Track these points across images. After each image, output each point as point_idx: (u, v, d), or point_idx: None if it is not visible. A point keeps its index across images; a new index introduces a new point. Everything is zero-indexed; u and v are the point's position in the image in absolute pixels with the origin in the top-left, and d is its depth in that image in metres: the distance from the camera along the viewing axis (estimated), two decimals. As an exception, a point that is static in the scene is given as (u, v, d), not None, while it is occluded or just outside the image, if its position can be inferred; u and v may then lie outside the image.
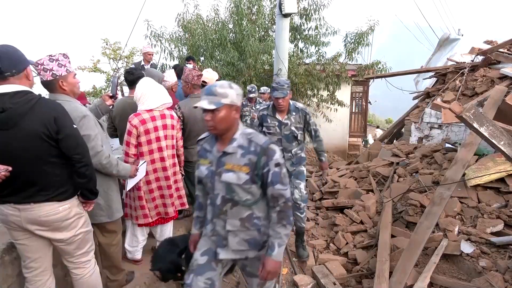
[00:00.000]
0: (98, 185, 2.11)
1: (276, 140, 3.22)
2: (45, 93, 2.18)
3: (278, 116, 3.22)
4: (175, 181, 3.03)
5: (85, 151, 1.97)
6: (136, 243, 3.08)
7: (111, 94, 2.57)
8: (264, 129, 3.27)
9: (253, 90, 6.16)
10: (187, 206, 3.24)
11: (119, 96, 2.73)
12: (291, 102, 3.21)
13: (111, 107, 2.60)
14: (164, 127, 2.84)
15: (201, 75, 3.49)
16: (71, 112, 2.04)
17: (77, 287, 2.22)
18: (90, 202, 2.16)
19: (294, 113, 3.20)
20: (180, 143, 3.10)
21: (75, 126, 1.95)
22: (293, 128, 3.20)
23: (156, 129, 2.79)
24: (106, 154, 2.32)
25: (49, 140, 1.82)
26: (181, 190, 3.14)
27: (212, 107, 1.57)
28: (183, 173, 3.29)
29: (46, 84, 2.10)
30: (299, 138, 3.24)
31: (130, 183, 2.68)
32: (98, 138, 2.28)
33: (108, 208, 2.44)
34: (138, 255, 3.12)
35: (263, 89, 6.60)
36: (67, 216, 1.99)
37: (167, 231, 3.16)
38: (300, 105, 3.28)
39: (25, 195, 1.86)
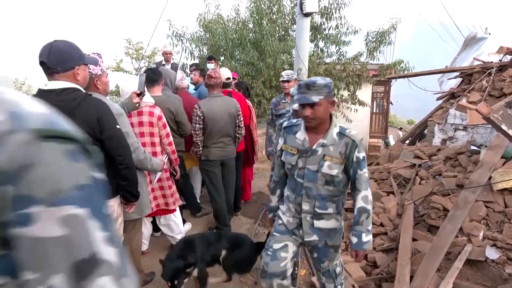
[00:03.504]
0: None
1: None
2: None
3: None
4: (159, 180, 3.04)
5: (127, 153, 1.97)
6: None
7: (138, 92, 2.61)
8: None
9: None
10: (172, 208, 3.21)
11: (146, 93, 2.76)
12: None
13: (137, 105, 2.65)
14: (140, 124, 2.87)
15: (210, 76, 3.48)
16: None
17: None
18: (132, 204, 2.18)
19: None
20: (166, 141, 3.00)
21: (118, 127, 1.94)
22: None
23: (132, 125, 2.82)
24: (142, 149, 2.38)
25: (93, 140, 1.81)
26: (165, 189, 3.11)
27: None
28: (174, 172, 3.21)
29: None
30: None
31: (156, 177, 2.83)
32: (134, 135, 2.34)
33: (138, 204, 2.47)
34: (143, 247, 3.18)
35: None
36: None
37: (171, 221, 3.23)
38: None
39: None
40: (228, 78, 4.03)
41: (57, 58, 1.74)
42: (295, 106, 2.73)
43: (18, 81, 13.94)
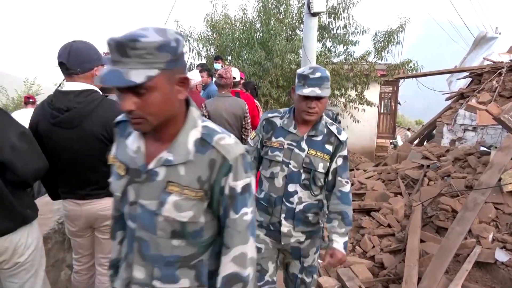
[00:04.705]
0: None
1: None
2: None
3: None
4: None
5: None
6: None
7: None
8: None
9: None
10: None
11: None
12: None
13: None
14: None
15: (220, 75, 3.49)
16: None
17: None
18: None
19: None
20: None
21: None
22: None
23: None
24: None
25: (107, 143, 1.79)
26: None
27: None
28: None
29: None
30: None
31: None
32: None
33: None
34: None
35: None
36: None
37: None
38: None
39: (84, 193, 1.89)
40: (235, 78, 4.04)
41: (77, 59, 1.74)
42: None
43: (28, 81, 14.10)
